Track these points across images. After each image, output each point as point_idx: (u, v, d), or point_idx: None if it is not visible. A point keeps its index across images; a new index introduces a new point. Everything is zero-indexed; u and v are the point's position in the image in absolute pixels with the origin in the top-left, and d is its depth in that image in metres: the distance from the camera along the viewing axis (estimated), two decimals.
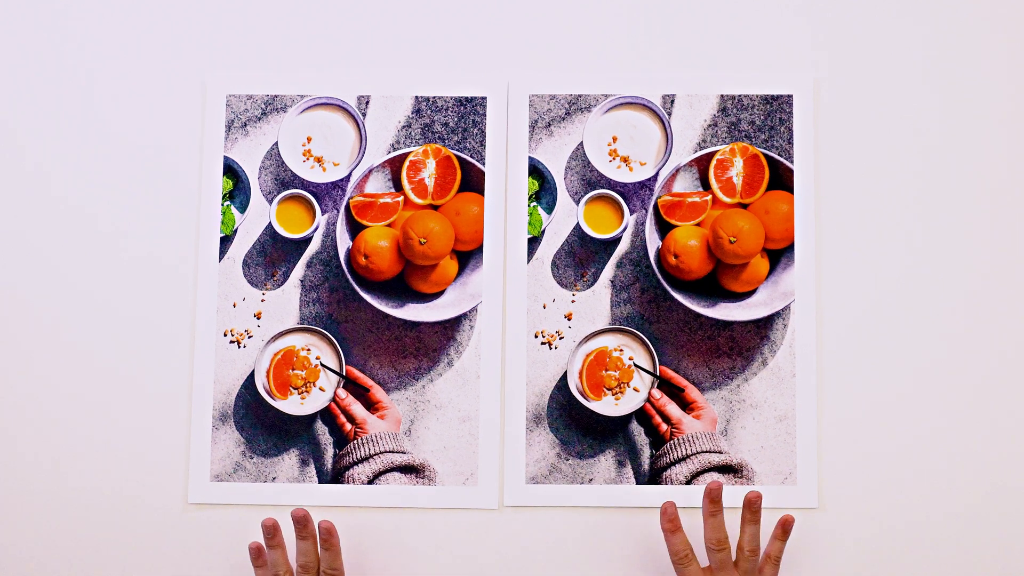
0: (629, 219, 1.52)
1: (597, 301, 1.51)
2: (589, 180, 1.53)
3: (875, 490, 1.45)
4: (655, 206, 1.52)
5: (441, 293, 1.53)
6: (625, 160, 1.53)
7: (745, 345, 1.50)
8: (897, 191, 1.52)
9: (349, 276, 1.53)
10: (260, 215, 1.54)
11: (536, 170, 1.53)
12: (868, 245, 1.50)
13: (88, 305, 1.52)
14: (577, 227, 1.52)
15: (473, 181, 1.54)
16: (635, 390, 1.50)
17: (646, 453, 1.49)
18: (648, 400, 1.50)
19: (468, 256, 1.53)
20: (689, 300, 1.51)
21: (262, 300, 1.53)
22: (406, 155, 1.54)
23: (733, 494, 1.47)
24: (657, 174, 1.53)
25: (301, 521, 1.39)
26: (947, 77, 1.53)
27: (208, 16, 1.57)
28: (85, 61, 1.57)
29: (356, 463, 1.49)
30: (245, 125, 1.54)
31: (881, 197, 1.51)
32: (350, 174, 1.54)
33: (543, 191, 1.53)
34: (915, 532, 1.46)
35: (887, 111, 1.53)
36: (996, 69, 1.53)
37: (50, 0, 1.58)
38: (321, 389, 1.51)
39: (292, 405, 1.51)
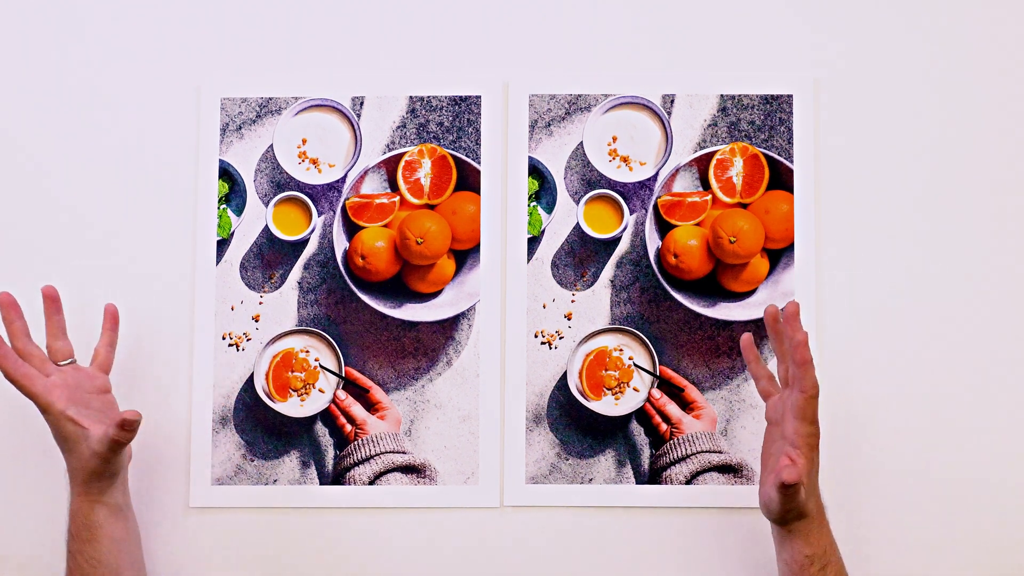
0: (629, 219, 1.52)
1: (597, 301, 1.51)
2: (589, 180, 1.52)
3: (875, 490, 1.46)
4: (655, 206, 1.52)
5: (439, 292, 1.52)
6: (625, 160, 1.52)
7: None
8: (897, 191, 1.51)
9: (346, 277, 1.52)
10: (256, 218, 1.52)
11: (536, 170, 1.52)
12: (868, 245, 1.50)
13: (86, 310, 1.50)
14: (577, 227, 1.52)
15: (469, 180, 1.52)
16: (635, 390, 1.50)
17: (646, 453, 1.49)
18: (648, 400, 1.50)
19: (465, 255, 1.52)
20: (689, 300, 1.51)
21: (260, 303, 1.52)
22: (401, 155, 1.53)
23: (732, 494, 1.48)
24: (657, 174, 1.52)
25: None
26: (947, 77, 1.52)
27: (201, 20, 1.54)
28: (78, 67, 1.54)
29: (357, 464, 1.49)
30: (240, 128, 1.52)
31: (881, 197, 1.51)
32: (346, 175, 1.53)
33: (543, 191, 1.52)
34: (915, 530, 1.47)
35: (887, 111, 1.52)
36: (997, 68, 1.52)
37: (43, 6, 1.55)
38: (320, 391, 1.51)
39: (292, 407, 1.51)
